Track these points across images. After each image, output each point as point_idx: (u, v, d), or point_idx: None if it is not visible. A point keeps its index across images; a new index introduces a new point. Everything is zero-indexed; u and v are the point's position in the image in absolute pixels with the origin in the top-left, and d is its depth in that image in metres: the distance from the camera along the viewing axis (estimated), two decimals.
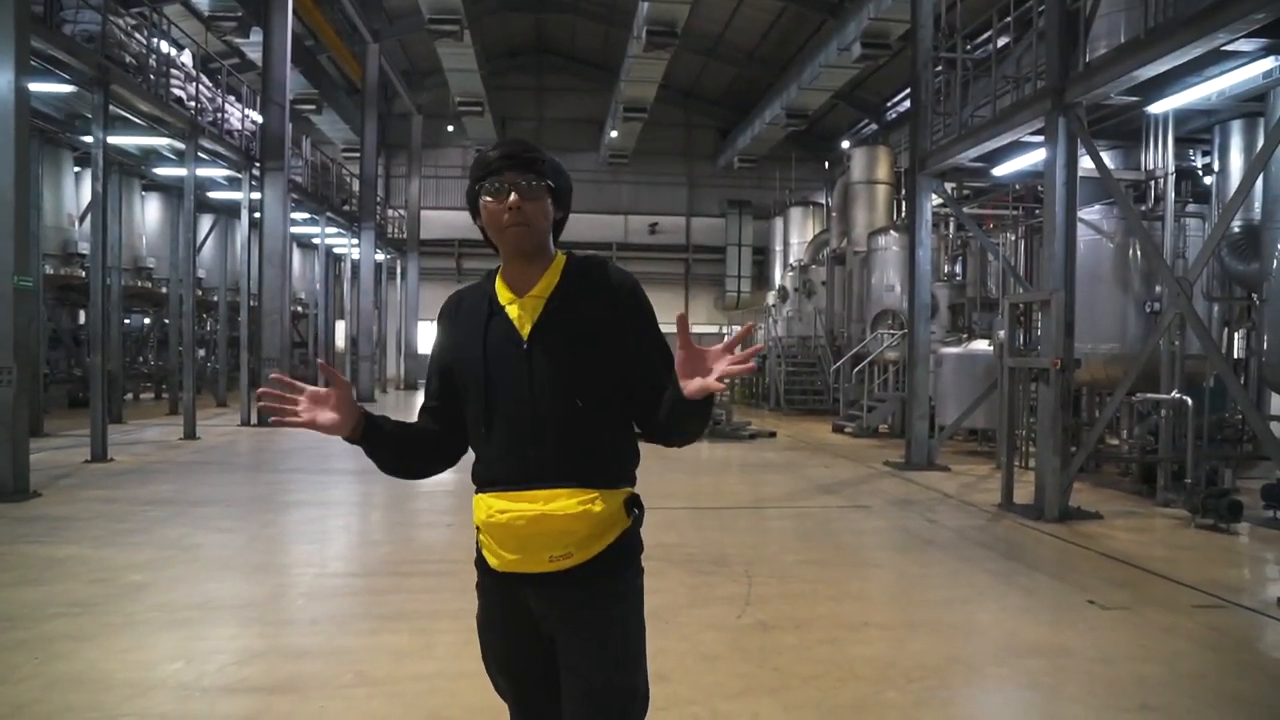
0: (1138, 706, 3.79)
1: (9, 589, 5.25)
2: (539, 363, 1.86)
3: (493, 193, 1.87)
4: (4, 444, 8.02)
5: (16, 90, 8.00)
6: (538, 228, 1.89)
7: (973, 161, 10.69)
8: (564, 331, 1.87)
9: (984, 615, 5.17)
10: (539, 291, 1.91)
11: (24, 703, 3.60)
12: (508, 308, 1.91)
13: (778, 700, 3.79)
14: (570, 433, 1.83)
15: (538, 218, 1.88)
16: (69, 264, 15.16)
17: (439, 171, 34.91)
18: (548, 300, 1.90)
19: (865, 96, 28.41)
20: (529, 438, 1.84)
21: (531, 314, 1.89)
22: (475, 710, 3.60)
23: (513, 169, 1.87)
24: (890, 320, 17.43)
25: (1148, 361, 8.97)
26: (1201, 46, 6.68)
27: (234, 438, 13.78)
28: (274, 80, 15.70)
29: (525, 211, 1.86)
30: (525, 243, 1.89)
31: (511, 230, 1.87)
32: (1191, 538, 7.46)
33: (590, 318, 1.88)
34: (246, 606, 5.10)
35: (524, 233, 1.87)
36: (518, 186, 1.85)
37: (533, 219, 1.87)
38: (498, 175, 1.87)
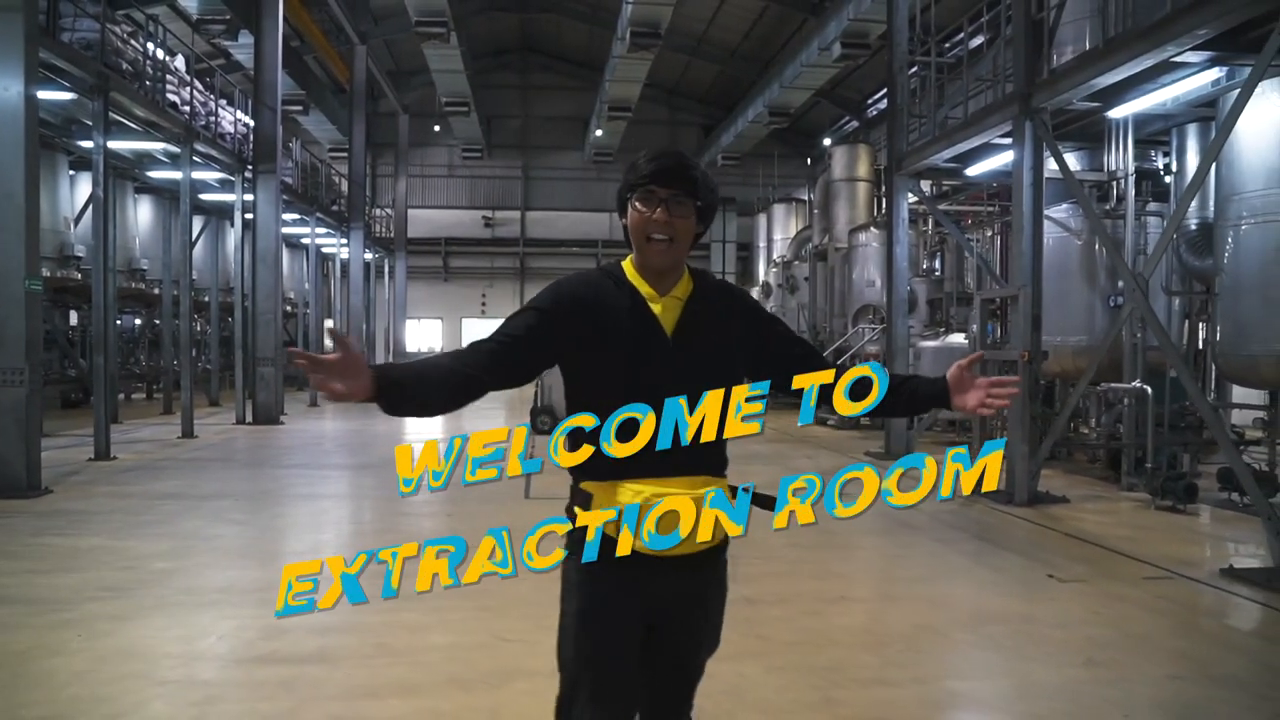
0: (1084, 662, 4.22)
1: (45, 575, 5.60)
2: (682, 359, 1.97)
3: (644, 200, 1.96)
4: (17, 442, 8.32)
5: (26, 99, 8.30)
6: (681, 243, 1.98)
7: (947, 162, 11.12)
8: (704, 330, 2.02)
9: (954, 589, 5.60)
10: (679, 294, 2.03)
11: (80, 671, 3.96)
12: (650, 304, 2.00)
13: (761, 663, 4.20)
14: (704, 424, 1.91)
15: (684, 233, 1.98)
16: (65, 266, 15.38)
17: (425, 170, 35.16)
18: (686, 303, 2.03)
19: (847, 94, 28.86)
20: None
21: (674, 313, 2.01)
22: (488, 674, 4.00)
23: (669, 183, 1.96)
24: (871, 315, 17.87)
25: (1114, 352, 9.46)
26: (1153, 58, 7.12)
27: (232, 435, 14.08)
28: (265, 84, 15.97)
29: (677, 226, 1.96)
30: (666, 259, 1.99)
31: (656, 245, 1.97)
32: (1151, 518, 7.94)
33: (725, 319, 2.06)
34: (268, 589, 5.46)
35: (667, 248, 1.97)
36: (669, 203, 1.95)
37: (679, 235, 1.97)
38: (648, 186, 1.96)
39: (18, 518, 7.34)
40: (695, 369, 1.97)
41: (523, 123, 35.60)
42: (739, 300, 2.15)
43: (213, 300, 20.52)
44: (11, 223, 8.31)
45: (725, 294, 2.13)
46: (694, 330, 2.01)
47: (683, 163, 1.99)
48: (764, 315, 2.16)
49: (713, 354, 2.02)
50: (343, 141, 26.94)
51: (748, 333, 2.11)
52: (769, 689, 3.89)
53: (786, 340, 2.16)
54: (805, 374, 2.01)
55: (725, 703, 3.72)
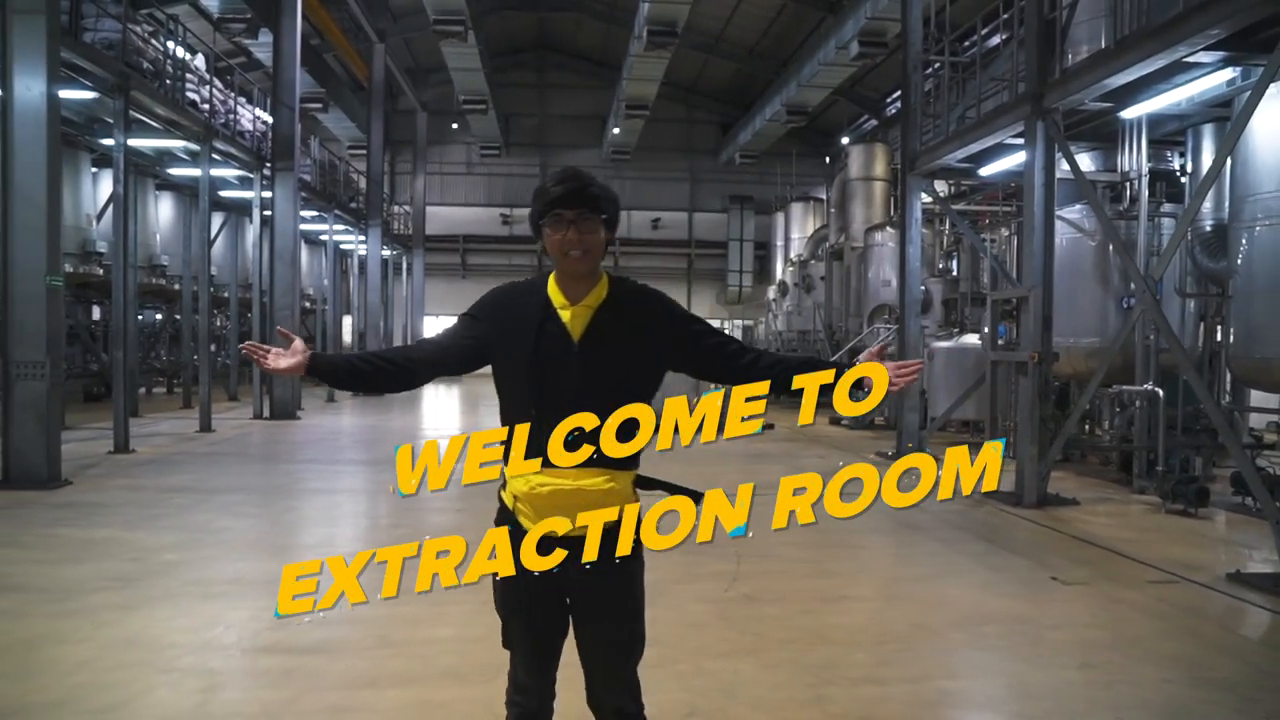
0: (1078, 664, 4.23)
1: (55, 566, 5.71)
2: (588, 363, 2.19)
3: (553, 224, 2.20)
4: (38, 435, 8.48)
5: (48, 99, 8.45)
6: (594, 254, 2.23)
7: (960, 162, 11.08)
8: (613, 335, 2.22)
9: (953, 590, 5.61)
10: (590, 302, 2.25)
11: (86, 659, 4.06)
12: (560, 313, 2.24)
13: (756, 660, 4.23)
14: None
15: (595, 245, 2.22)
16: (86, 262, 15.60)
17: (444, 168, 35.33)
18: (597, 310, 2.25)
19: (865, 93, 28.75)
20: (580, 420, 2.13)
21: (583, 320, 2.23)
22: (484, 668, 4.04)
23: (572, 205, 2.19)
24: (887, 314, 17.82)
25: (1126, 354, 9.40)
26: (1165, 58, 7.08)
27: (248, 430, 14.25)
28: (284, 83, 16.13)
29: (585, 241, 2.20)
30: (582, 267, 2.23)
31: (572, 260, 2.21)
32: (1161, 522, 7.89)
33: (636, 327, 2.25)
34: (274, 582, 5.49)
35: (582, 259, 2.22)
36: (577, 223, 2.19)
37: (590, 247, 2.21)
38: (555, 210, 2.19)
39: (34, 509, 7.49)
40: (601, 372, 2.18)
41: (540, 121, 35.70)
42: (655, 304, 2.31)
43: (232, 296, 20.74)
44: (33, 220, 8.46)
45: (637, 299, 2.30)
46: (601, 336, 2.22)
47: (582, 184, 2.21)
48: (681, 317, 2.34)
49: (620, 358, 2.21)
50: (361, 139, 27.14)
51: (665, 335, 2.29)
52: (763, 686, 3.93)
53: (707, 335, 2.34)
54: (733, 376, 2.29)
55: (719, 699, 3.77)
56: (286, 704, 3.69)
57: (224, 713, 3.61)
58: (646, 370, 2.26)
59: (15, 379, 8.45)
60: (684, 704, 3.70)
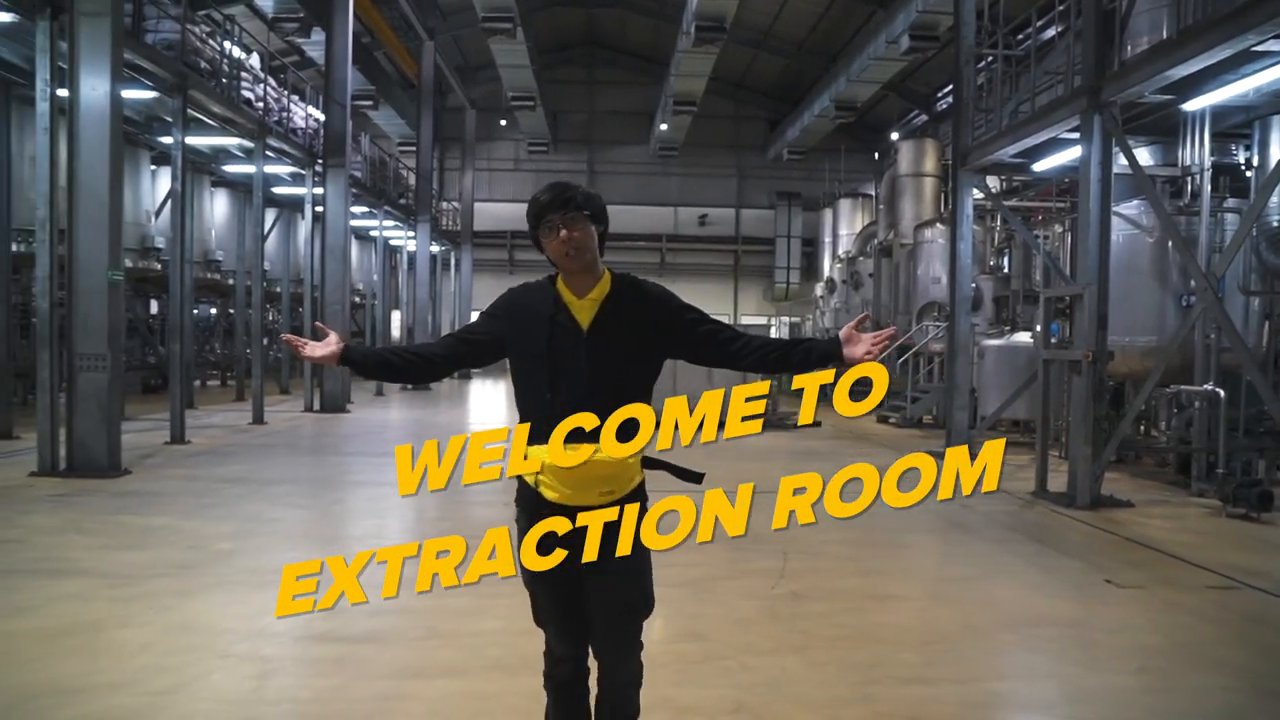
0: (1135, 669, 4.14)
1: (116, 552, 5.88)
2: (596, 350, 2.46)
3: (547, 232, 2.48)
4: (100, 425, 8.73)
5: (112, 99, 8.67)
6: (586, 246, 2.49)
7: (1013, 157, 10.88)
8: (616, 324, 2.48)
9: (1003, 591, 5.52)
10: (595, 296, 2.51)
11: (147, 643, 4.17)
12: (569, 306, 2.50)
13: (803, 658, 4.21)
14: (613, 402, 2.41)
15: (585, 240, 2.48)
16: (146, 257, 16.03)
17: (492, 164, 35.61)
18: (602, 303, 2.51)
19: (915, 87, 28.38)
20: (584, 404, 2.41)
21: (589, 312, 2.50)
22: (532, 659, 4.02)
23: (557, 210, 2.46)
24: (936, 312, 17.57)
25: (1185, 353, 9.16)
26: (1232, 47, 6.87)
27: (299, 423, 14.51)
28: (336, 81, 16.38)
29: (575, 238, 2.46)
30: (579, 261, 2.49)
31: (570, 256, 2.48)
32: (1220, 526, 7.68)
33: (636, 318, 2.51)
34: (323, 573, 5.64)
35: (579, 255, 2.48)
36: (565, 223, 2.46)
37: (581, 242, 2.47)
38: (548, 217, 2.47)
39: (98, 496, 7.71)
40: (606, 357, 2.47)
41: (588, 117, 35.79)
42: (649, 297, 2.58)
43: (284, 291, 21.13)
44: (96, 216, 8.70)
45: (637, 293, 2.57)
46: (606, 326, 2.50)
47: (560, 191, 2.50)
48: (675, 307, 2.58)
49: (624, 343, 2.49)
50: (411, 136, 27.45)
51: (662, 323, 2.55)
52: (809, 684, 3.91)
53: (700, 322, 2.59)
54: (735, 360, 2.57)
55: (765, 695, 3.75)
56: (337, 691, 3.76)
57: (277, 698, 3.69)
58: (647, 355, 2.53)
59: (79, 371, 8.70)
60: (731, 699, 3.69)
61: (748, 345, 2.55)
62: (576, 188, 2.52)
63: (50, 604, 4.75)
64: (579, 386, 2.43)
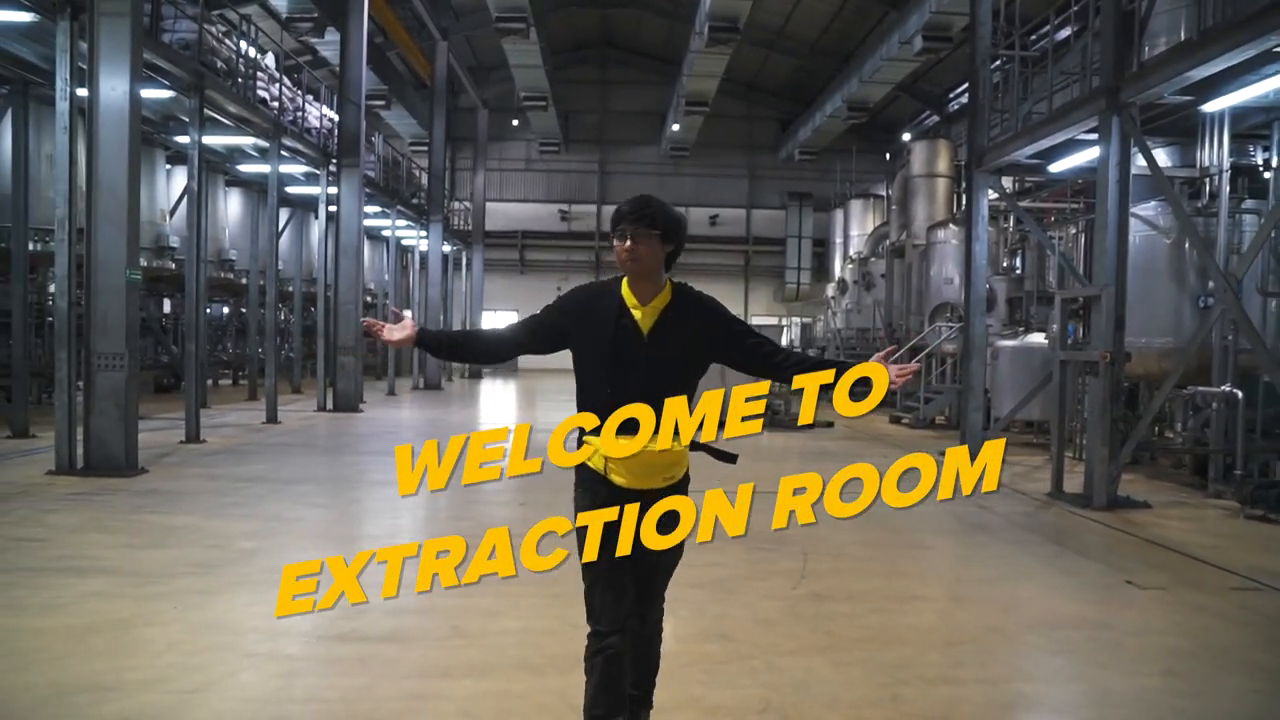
0: (1161, 672, 4.12)
1: (140, 550, 5.91)
2: (654, 352, 2.75)
3: (618, 238, 2.77)
4: (117, 423, 8.77)
5: (131, 98, 8.71)
6: (644, 263, 2.77)
7: (1029, 158, 10.85)
8: (673, 330, 2.77)
9: (1025, 592, 5.51)
10: (656, 304, 2.80)
11: (174, 641, 4.19)
12: (633, 311, 2.79)
13: (828, 658, 4.21)
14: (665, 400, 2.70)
15: (645, 256, 2.76)
16: (160, 257, 16.07)
17: (503, 165, 35.67)
18: (663, 310, 2.80)
19: (927, 88, 28.33)
20: (638, 400, 2.69)
21: (651, 318, 2.78)
22: (557, 658, 4.08)
23: (631, 222, 2.74)
24: (948, 313, 17.55)
25: (1202, 355, 9.12)
26: (1254, 48, 6.84)
27: (313, 422, 14.56)
28: (350, 81, 16.43)
29: (636, 251, 2.74)
30: (635, 271, 2.79)
31: (627, 264, 2.78)
32: (1239, 527, 7.65)
33: (692, 325, 2.80)
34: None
35: (634, 265, 2.78)
36: (633, 235, 2.74)
37: (641, 257, 2.75)
38: (621, 226, 2.76)
39: (118, 495, 7.75)
40: (663, 360, 2.76)
41: (600, 117, 35.82)
42: (705, 308, 2.87)
43: (296, 290, 21.18)
44: (115, 215, 8.73)
45: (694, 303, 2.86)
46: (665, 331, 2.78)
47: (640, 205, 2.77)
48: (727, 319, 2.87)
49: (679, 347, 2.79)
50: (423, 135, 27.48)
51: (715, 334, 2.85)
52: (836, 684, 3.90)
53: (747, 335, 2.89)
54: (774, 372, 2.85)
55: (792, 695, 3.75)
56: (364, 690, 3.77)
57: (305, 697, 3.70)
58: (697, 360, 2.84)
59: (97, 369, 8.74)
60: (758, 699, 3.69)
61: (787, 359, 2.86)
62: (659, 205, 2.77)
63: (77, 601, 4.77)
64: (636, 384, 2.71)
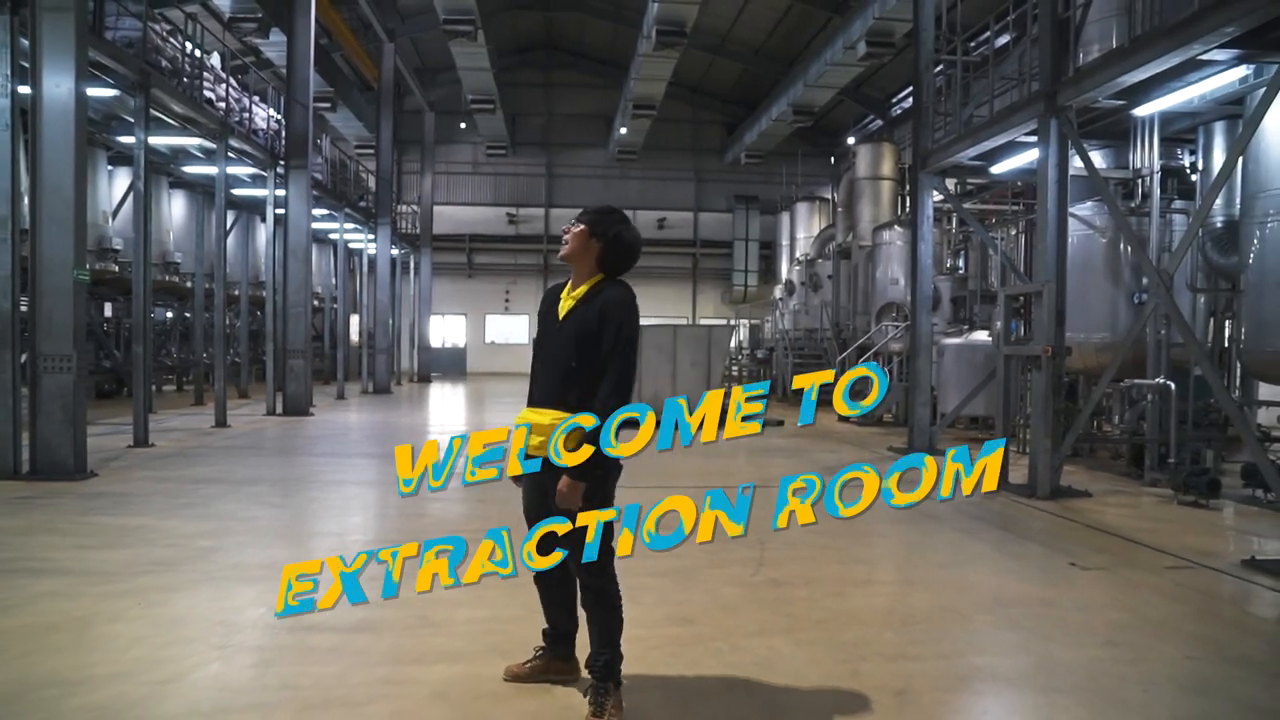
0: (1103, 643, 4.34)
1: (95, 551, 5.83)
2: (563, 330, 3.34)
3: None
4: (65, 427, 8.60)
5: (76, 96, 8.56)
6: (570, 247, 3.41)
7: (972, 160, 11.20)
8: (577, 318, 3.32)
9: (976, 575, 5.72)
10: (578, 293, 3.38)
11: (140, 636, 4.18)
12: (563, 299, 3.41)
13: (790, 638, 4.35)
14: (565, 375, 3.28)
15: (571, 242, 3.41)
16: (103, 259, 15.74)
17: (451, 167, 35.46)
18: (579, 299, 3.36)
19: (871, 93, 28.87)
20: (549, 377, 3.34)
21: (569, 304, 3.37)
22: (526, 644, 4.14)
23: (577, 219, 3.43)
24: (894, 313, 17.96)
25: (1137, 349, 9.51)
26: (1179, 56, 7.20)
27: (262, 426, 14.36)
28: (298, 81, 16.26)
29: (566, 238, 3.43)
30: (563, 255, 3.44)
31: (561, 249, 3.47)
32: (1173, 512, 8.01)
33: (590, 314, 3.29)
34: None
35: (563, 249, 3.45)
36: (569, 226, 3.43)
37: (568, 243, 3.41)
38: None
39: (66, 498, 7.61)
40: (565, 338, 3.33)
41: (547, 120, 35.83)
42: (602, 302, 3.31)
43: (243, 294, 20.86)
44: (62, 216, 8.58)
45: (599, 297, 3.32)
46: (573, 316, 3.35)
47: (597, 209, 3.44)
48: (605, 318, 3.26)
49: (573, 331, 3.31)
50: (369, 138, 27.24)
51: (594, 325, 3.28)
52: (799, 661, 4.04)
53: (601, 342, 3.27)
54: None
55: (758, 672, 3.88)
56: (338, 677, 3.81)
57: (280, 684, 3.73)
58: (590, 345, 3.26)
59: (43, 372, 8.57)
60: (723, 678, 3.81)
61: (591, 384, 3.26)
62: (598, 209, 3.42)
63: (33, 601, 4.71)
64: (549, 356, 3.36)
